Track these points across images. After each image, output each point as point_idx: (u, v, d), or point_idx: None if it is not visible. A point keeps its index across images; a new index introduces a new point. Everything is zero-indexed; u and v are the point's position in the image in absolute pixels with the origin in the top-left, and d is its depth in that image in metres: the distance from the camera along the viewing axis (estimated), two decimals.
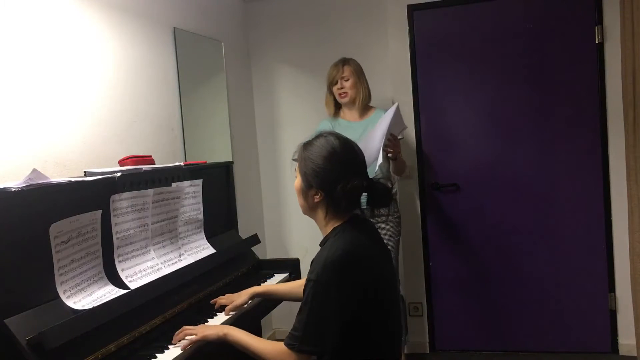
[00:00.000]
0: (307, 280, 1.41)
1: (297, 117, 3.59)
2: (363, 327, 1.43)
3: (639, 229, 2.87)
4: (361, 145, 1.92)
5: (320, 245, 1.54)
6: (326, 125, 2.96)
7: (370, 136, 2.58)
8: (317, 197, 1.50)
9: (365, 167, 1.55)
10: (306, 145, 1.55)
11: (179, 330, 1.64)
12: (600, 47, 3.00)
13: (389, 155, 2.70)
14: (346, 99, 2.92)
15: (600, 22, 2.99)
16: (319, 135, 1.55)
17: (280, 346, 1.42)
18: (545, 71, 3.10)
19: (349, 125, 2.93)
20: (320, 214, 1.53)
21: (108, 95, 2.21)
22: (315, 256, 1.48)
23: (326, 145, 1.50)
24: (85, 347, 1.42)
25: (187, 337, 1.61)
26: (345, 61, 2.93)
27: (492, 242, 3.25)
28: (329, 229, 1.52)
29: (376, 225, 2.79)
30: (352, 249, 1.42)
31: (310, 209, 1.56)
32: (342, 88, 2.90)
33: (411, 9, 3.24)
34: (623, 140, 2.94)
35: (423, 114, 3.28)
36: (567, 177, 3.12)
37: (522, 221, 3.19)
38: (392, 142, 2.61)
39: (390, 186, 1.58)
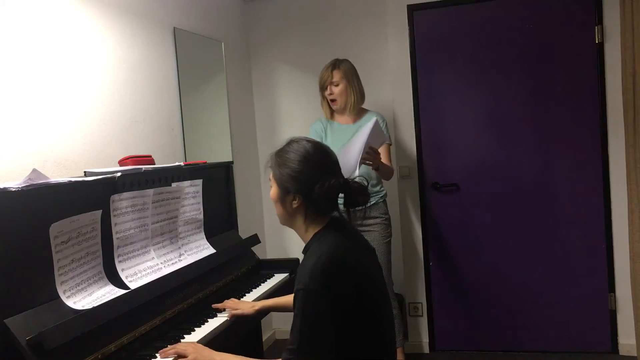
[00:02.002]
0: (296, 291, 1.37)
1: (297, 117, 3.59)
2: (356, 331, 1.40)
3: (639, 229, 2.87)
4: (340, 158, 1.91)
5: (302, 252, 1.51)
6: (318, 127, 2.95)
7: (348, 148, 2.56)
8: (295, 202, 1.49)
9: (339, 168, 1.54)
10: (279, 152, 1.55)
11: (171, 347, 1.58)
12: (600, 47, 3.01)
13: (371, 167, 2.64)
14: (336, 107, 2.90)
15: (600, 22, 2.99)
16: (290, 142, 1.55)
17: None
18: (545, 71, 3.10)
19: (341, 128, 2.92)
20: (300, 219, 1.52)
21: (108, 95, 2.21)
22: (300, 264, 1.45)
23: (300, 150, 1.50)
24: (85, 347, 1.42)
25: (177, 354, 1.55)
26: (335, 65, 2.87)
27: (493, 242, 3.24)
28: (310, 235, 1.51)
29: (364, 227, 2.82)
30: (337, 252, 1.40)
31: (289, 216, 1.54)
32: (331, 94, 2.87)
33: (411, 9, 3.24)
34: (623, 140, 2.94)
35: (423, 113, 3.28)
36: (567, 177, 3.12)
37: (522, 221, 3.19)
38: (370, 155, 2.54)
39: (366, 184, 1.55)
